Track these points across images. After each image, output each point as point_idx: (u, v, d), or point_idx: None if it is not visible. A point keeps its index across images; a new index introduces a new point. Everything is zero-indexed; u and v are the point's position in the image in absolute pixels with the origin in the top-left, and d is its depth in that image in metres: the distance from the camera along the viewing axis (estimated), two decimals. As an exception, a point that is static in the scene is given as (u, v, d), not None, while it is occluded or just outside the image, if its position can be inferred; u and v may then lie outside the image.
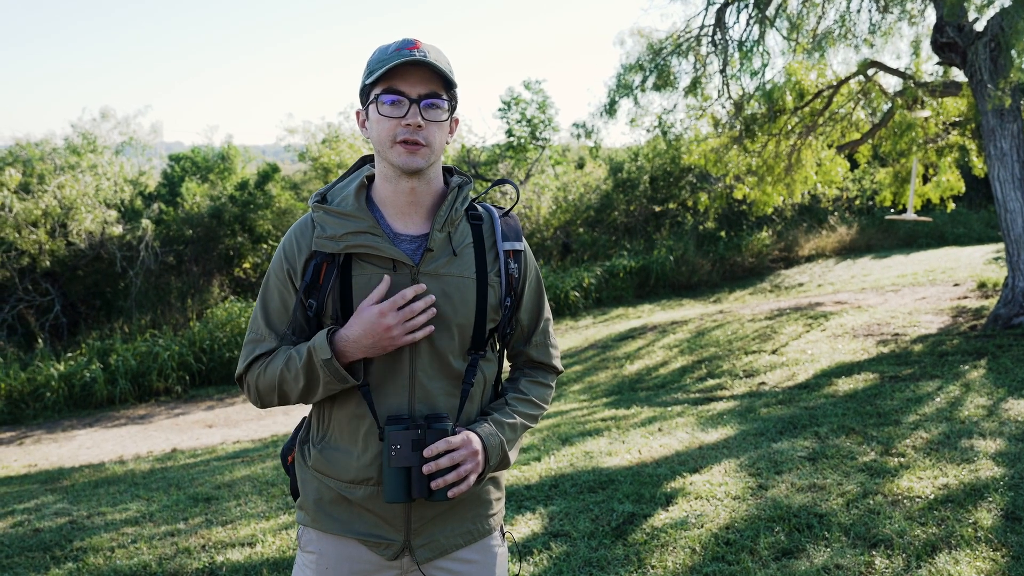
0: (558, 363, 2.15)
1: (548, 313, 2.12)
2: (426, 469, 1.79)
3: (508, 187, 17.24)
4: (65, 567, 4.31)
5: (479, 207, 2.02)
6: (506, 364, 2.15)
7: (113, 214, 15.76)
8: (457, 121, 1.94)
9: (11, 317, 14.46)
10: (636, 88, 10.68)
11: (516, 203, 2.06)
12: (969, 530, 3.74)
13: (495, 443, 1.90)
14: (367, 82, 1.85)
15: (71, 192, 15.19)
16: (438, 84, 1.84)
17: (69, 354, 12.97)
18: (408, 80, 1.81)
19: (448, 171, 2.02)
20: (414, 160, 1.83)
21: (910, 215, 12.01)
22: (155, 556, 4.37)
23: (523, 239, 2.02)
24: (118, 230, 15.60)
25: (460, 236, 1.94)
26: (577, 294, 15.73)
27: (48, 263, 14.76)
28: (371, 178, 1.97)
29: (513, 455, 1.98)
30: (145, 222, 15.95)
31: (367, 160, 2.03)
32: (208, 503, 5.45)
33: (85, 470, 7.48)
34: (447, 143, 1.91)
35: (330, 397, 1.93)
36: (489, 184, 2.07)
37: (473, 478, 1.85)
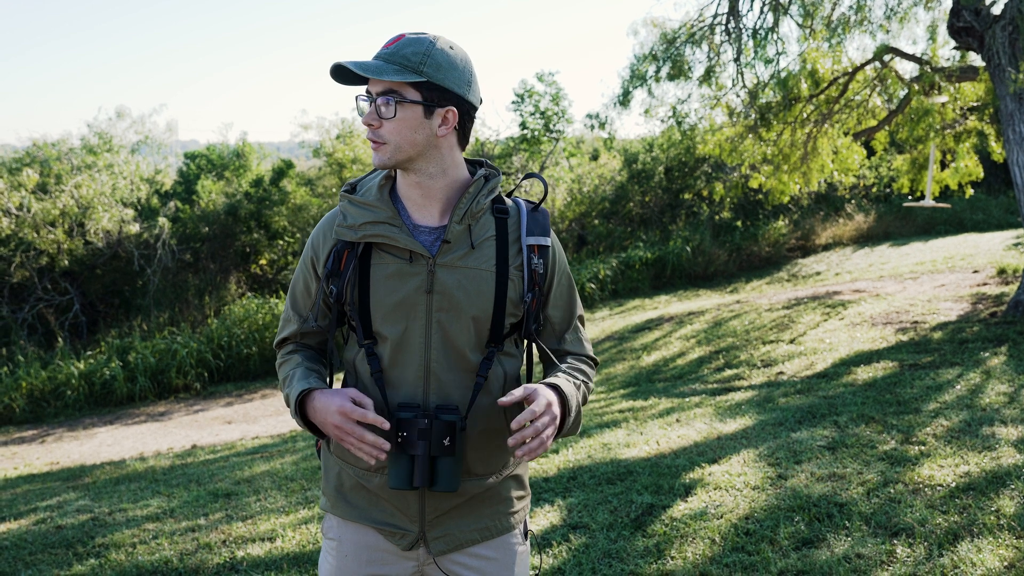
0: (592, 355, 2.12)
1: (580, 310, 2.09)
2: (511, 441, 1.74)
3: (526, 182, 17.19)
4: (87, 563, 4.35)
5: (508, 200, 1.99)
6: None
7: (130, 213, 15.86)
8: (455, 113, 1.85)
9: (31, 316, 14.58)
10: (650, 78, 10.63)
11: (544, 199, 2.03)
12: (991, 518, 3.71)
13: (571, 391, 1.89)
14: None
15: (88, 191, 15.30)
16: (396, 80, 1.79)
17: (89, 352, 13.07)
18: (373, 79, 1.83)
19: (477, 163, 1.99)
20: (377, 157, 1.86)
21: (928, 202, 11.91)
22: (176, 552, 4.40)
23: (551, 234, 1.98)
24: (135, 229, 15.70)
25: (481, 229, 1.92)
26: (593, 286, 15.70)
27: (66, 262, 14.87)
28: None
29: (578, 422, 1.96)
30: (162, 220, 16.04)
31: None
32: (228, 499, 5.48)
33: (106, 467, 7.55)
34: (441, 136, 1.85)
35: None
36: (516, 180, 2.00)
37: (551, 441, 1.80)
